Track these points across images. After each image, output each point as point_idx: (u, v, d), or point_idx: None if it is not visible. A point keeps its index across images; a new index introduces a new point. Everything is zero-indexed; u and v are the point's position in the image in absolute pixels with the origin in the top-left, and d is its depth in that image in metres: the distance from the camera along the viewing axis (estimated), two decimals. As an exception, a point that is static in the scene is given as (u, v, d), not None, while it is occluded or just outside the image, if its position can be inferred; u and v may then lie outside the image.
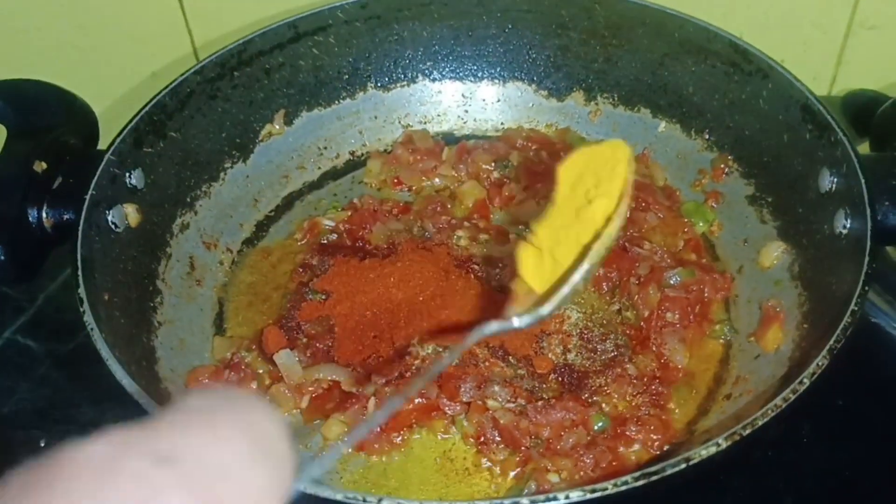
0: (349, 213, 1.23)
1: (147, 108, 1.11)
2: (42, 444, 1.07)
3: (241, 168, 1.25)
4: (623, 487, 0.71)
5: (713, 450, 0.73)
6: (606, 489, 0.71)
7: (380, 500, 0.71)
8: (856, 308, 0.83)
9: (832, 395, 1.06)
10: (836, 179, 1.01)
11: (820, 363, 0.80)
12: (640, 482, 0.72)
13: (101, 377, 0.86)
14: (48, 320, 1.23)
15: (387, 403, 0.69)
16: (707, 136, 1.24)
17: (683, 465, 0.72)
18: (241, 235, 1.23)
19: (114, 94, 1.48)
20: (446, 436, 0.99)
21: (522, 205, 1.21)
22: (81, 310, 0.89)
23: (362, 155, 1.34)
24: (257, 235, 1.24)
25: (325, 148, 1.32)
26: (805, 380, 0.79)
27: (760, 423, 0.75)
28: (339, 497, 0.72)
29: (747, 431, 0.74)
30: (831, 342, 0.81)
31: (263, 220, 1.25)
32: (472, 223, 1.21)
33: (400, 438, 0.98)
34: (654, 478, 0.72)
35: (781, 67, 1.12)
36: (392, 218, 1.21)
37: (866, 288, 0.85)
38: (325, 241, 1.20)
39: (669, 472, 0.71)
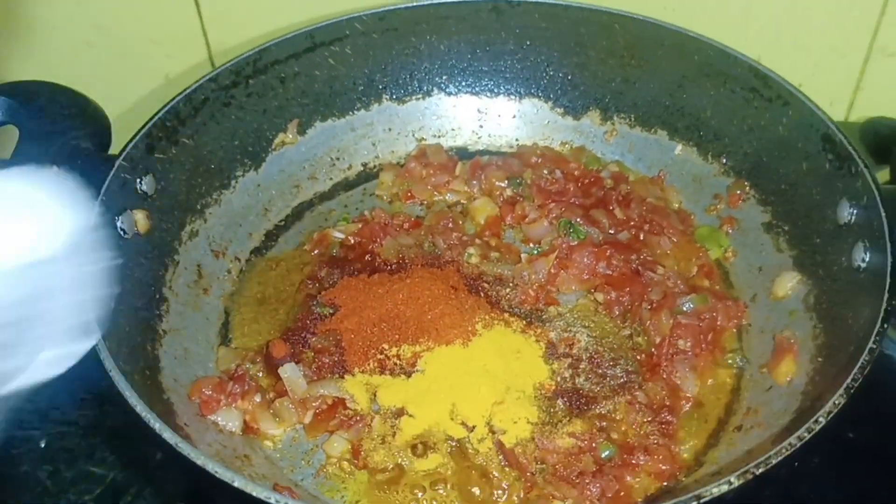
0: (359, 226, 1.22)
1: (160, 114, 1.10)
2: (42, 445, 1.06)
3: (253, 177, 1.25)
4: (632, 522, 0.70)
5: (725, 488, 0.72)
6: (615, 523, 0.70)
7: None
8: (874, 346, 0.82)
9: (842, 427, 1.04)
10: (855, 211, 1.00)
11: (837, 402, 0.78)
12: (649, 518, 0.70)
13: (102, 378, 0.85)
14: (52, 320, 1.22)
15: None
16: (724, 161, 1.23)
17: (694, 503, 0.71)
18: (249, 244, 1.22)
19: (128, 99, 1.48)
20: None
21: (535, 223, 1.20)
22: (86, 318, 0.88)
23: (375, 167, 1.33)
24: (266, 245, 1.23)
25: (338, 159, 1.32)
26: (821, 419, 0.77)
27: (774, 461, 0.73)
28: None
29: (760, 470, 0.73)
30: (848, 381, 0.79)
31: (273, 229, 1.25)
32: (483, 241, 1.20)
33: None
34: (663, 513, 0.71)
35: (802, 95, 1.11)
36: (403, 232, 1.20)
37: (885, 325, 0.84)
38: (335, 254, 1.19)
39: (679, 509, 0.70)
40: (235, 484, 0.74)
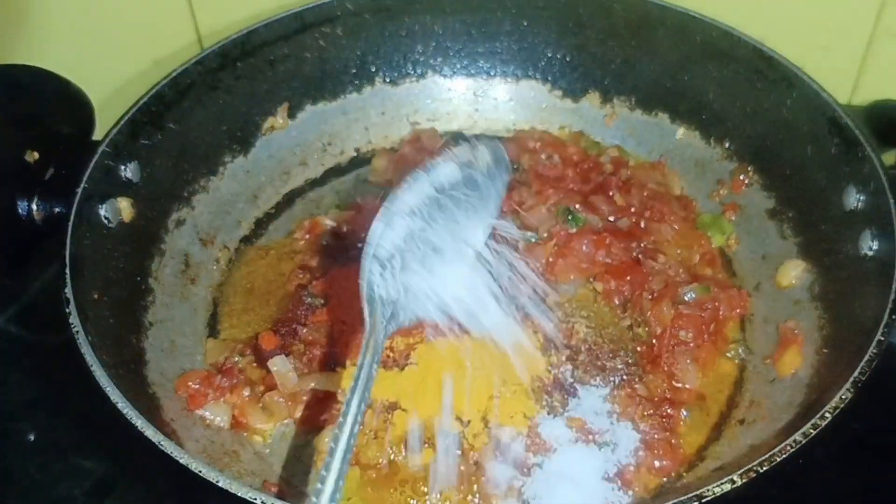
0: (352, 213, 1.19)
1: (145, 99, 1.08)
2: (31, 439, 1.05)
3: (241, 162, 1.22)
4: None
5: (727, 487, 0.69)
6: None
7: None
8: (882, 338, 0.79)
9: (848, 420, 1.02)
10: (862, 197, 0.97)
11: (843, 396, 0.76)
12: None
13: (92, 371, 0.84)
14: (41, 310, 1.19)
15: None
16: (727, 145, 1.20)
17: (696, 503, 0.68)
18: (238, 233, 1.19)
19: (115, 82, 1.44)
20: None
21: (532, 210, 1.17)
22: (67, 310, 0.86)
23: (368, 152, 1.30)
24: (256, 233, 1.20)
25: (330, 144, 1.29)
26: (827, 414, 0.75)
27: (779, 459, 0.71)
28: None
29: (764, 468, 0.70)
30: (856, 374, 0.77)
31: (263, 217, 1.22)
32: (479, 228, 1.17)
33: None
34: (664, 513, 0.68)
35: (808, 77, 1.08)
36: (396, 220, 1.18)
37: (893, 316, 0.81)
38: (326, 242, 1.16)
39: (681, 509, 0.68)
40: (220, 483, 0.72)
